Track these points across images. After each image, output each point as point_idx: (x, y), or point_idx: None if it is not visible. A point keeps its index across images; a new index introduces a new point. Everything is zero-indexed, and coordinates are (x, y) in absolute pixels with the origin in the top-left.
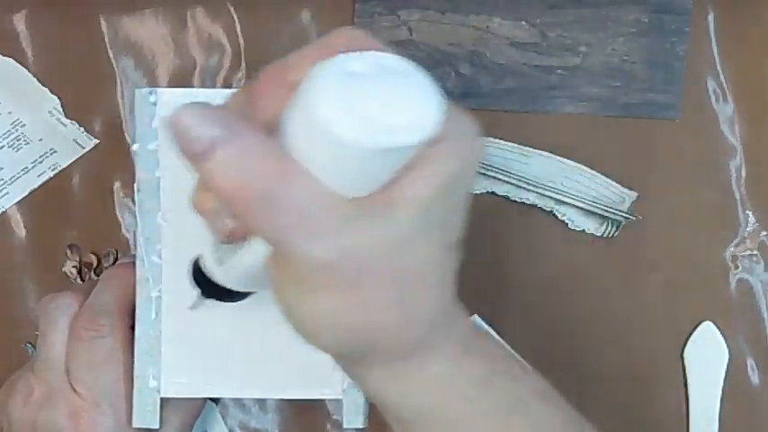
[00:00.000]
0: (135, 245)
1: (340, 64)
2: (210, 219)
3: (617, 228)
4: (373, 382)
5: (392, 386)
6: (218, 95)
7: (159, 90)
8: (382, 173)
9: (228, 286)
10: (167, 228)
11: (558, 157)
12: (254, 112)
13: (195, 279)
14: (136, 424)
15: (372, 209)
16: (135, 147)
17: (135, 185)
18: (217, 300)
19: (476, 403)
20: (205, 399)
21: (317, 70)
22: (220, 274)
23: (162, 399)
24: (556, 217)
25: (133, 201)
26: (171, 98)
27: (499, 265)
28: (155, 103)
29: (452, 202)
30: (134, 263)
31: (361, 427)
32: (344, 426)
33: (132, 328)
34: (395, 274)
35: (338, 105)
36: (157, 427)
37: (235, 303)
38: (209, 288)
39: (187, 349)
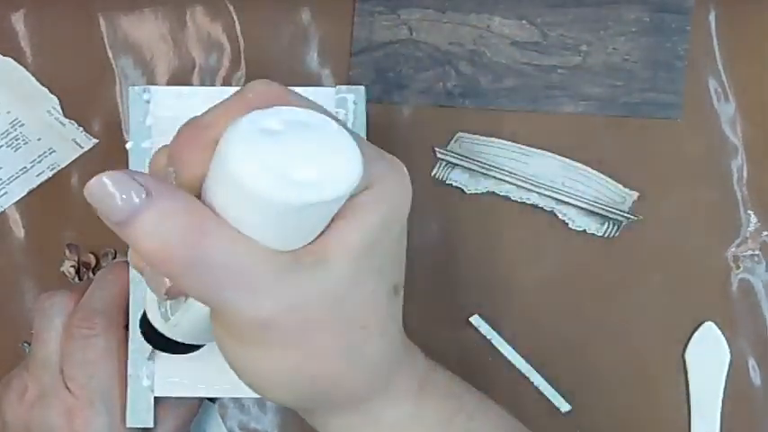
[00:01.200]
0: None
1: (253, 122)
2: (147, 277)
3: (618, 228)
4: (334, 431)
5: None
6: (210, 94)
7: (153, 88)
8: (311, 225)
9: (180, 340)
10: None
11: (559, 157)
12: (178, 172)
13: (144, 333)
14: (130, 423)
15: (305, 261)
16: (129, 145)
17: None
18: (170, 353)
19: None
20: (202, 399)
21: (231, 130)
22: (169, 330)
23: (156, 398)
24: (556, 217)
25: None
26: (165, 96)
27: (499, 265)
28: (148, 101)
29: (386, 247)
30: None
31: None
32: None
33: (127, 327)
34: (336, 325)
35: (254, 164)
36: (151, 426)
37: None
38: (160, 342)
39: None
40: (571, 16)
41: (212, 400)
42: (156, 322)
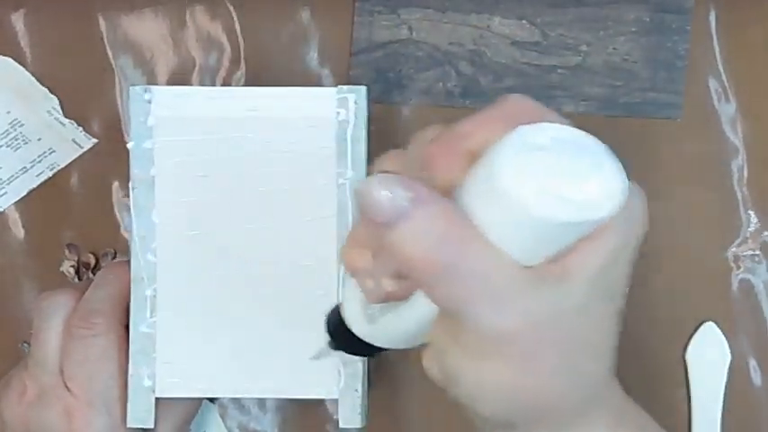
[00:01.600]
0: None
1: (523, 137)
2: (364, 278)
3: None
4: None
5: None
6: (211, 94)
7: (154, 88)
8: (563, 243)
9: (376, 344)
10: (162, 226)
11: None
12: (429, 178)
13: (331, 331)
14: (131, 424)
15: (548, 278)
16: (130, 145)
17: (130, 183)
18: (354, 354)
19: None
20: (201, 399)
21: (502, 143)
22: (369, 332)
23: (157, 398)
24: None
25: None
26: (165, 96)
27: None
28: (149, 101)
29: (620, 271)
30: (130, 261)
31: (359, 426)
32: (341, 425)
33: (127, 326)
34: (565, 343)
35: (529, 181)
36: (152, 426)
37: (228, 300)
38: (345, 341)
39: (182, 349)
40: (571, 16)
41: (212, 400)
42: (355, 324)
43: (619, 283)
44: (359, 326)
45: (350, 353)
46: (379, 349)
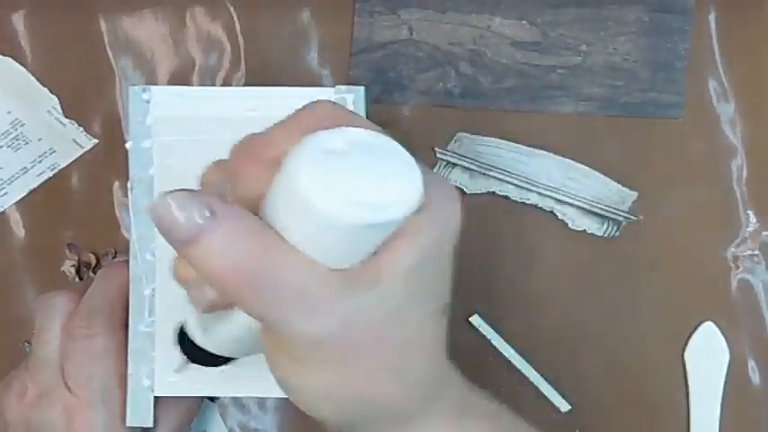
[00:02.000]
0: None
1: (319, 142)
2: (191, 290)
3: (617, 228)
4: None
5: None
6: (210, 93)
7: (152, 87)
8: (367, 245)
9: (216, 353)
10: None
11: (559, 157)
12: (235, 189)
13: (180, 345)
14: (130, 423)
15: (360, 281)
16: (128, 144)
17: (128, 183)
18: (205, 366)
19: None
20: (202, 398)
21: (297, 149)
22: (206, 342)
23: (156, 397)
24: (556, 217)
25: None
26: (164, 95)
27: (499, 264)
28: (148, 101)
29: (437, 269)
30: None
31: None
32: None
33: (127, 326)
34: (386, 344)
35: (320, 184)
36: (151, 425)
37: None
38: (195, 353)
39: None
40: (571, 16)
41: (212, 399)
42: (195, 335)
43: (437, 281)
44: (198, 336)
45: (203, 364)
46: (228, 359)
